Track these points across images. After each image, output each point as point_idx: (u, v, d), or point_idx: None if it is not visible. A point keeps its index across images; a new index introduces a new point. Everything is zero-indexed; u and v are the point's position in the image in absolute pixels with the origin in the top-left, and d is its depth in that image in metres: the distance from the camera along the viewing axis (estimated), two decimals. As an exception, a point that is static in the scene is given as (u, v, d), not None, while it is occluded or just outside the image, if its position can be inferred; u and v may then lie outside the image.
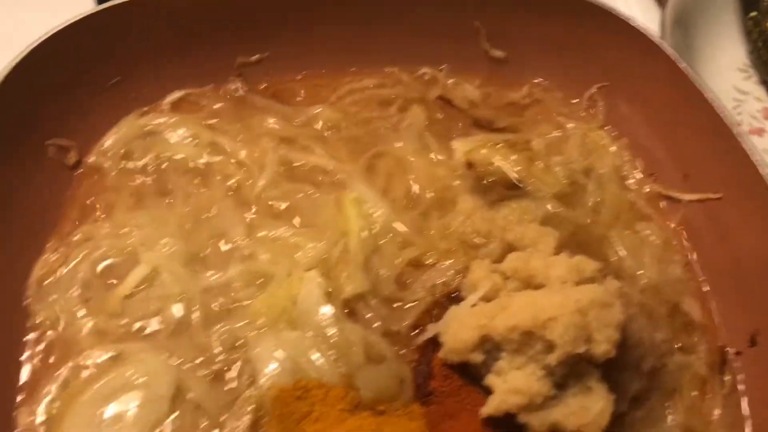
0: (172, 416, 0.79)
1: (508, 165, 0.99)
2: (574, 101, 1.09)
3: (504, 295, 0.82)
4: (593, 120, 1.07)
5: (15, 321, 0.83)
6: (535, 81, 1.11)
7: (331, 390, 0.78)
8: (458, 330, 0.78)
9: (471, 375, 0.80)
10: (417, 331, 0.85)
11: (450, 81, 1.10)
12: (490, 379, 0.77)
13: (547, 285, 0.81)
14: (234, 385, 0.81)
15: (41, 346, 0.83)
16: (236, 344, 0.83)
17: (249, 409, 0.79)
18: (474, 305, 0.81)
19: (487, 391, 0.78)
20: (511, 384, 0.75)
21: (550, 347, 0.74)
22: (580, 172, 1.01)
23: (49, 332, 0.84)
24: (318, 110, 1.05)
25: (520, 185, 0.98)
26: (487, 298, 0.82)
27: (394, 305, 0.88)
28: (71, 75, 0.94)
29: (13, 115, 0.87)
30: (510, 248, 0.90)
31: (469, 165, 0.99)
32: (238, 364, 0.82)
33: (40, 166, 0.92)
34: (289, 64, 1.07)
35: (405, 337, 0.85)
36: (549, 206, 0.97)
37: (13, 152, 0.88)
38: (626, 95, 1.02)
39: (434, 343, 0.83)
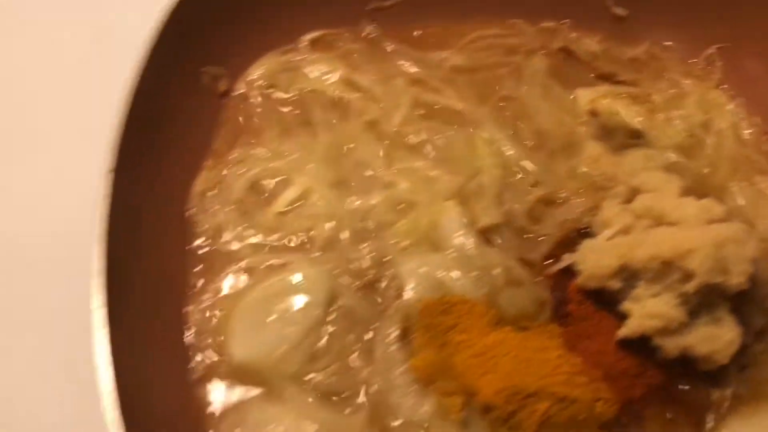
0: (328, 319, 0.84)
1: (631, 114, 1.03)
2: (692, 60, 1.12)
3: (637, 231, 0.87)
4: (710, 79, 1.11)
5: (182, 229, 0.90)
6: (655, 39, 1.13)
7: (475, 306, 0.84)
8: (599, 258, 0.83)
9: (604, 302, 0.85)
10: (550, 261, 0.90)
11: (572, 35, 1.14)
12: (627, 305, 0.82)
13: (679, 223, 0.85)
14: (382, 297, 0.87)
15: (205, 251, 0.90)
16: (383, 261, 0.89)
17: (398, 318, 0.84)
18: (610, 238, 0.86)
19: (620, 317, 0.83)
20: (649, 309, 0.80)
21: (687, 277, 0.79)
22: (698, 126, 1.05)
23: (212, 240, 0.90)
24: (446, 55, 1.10)
25: (642, 135, 1.03)
26: (621, 233, 0.87)
27: (526, 237, 0.92)
28: (226, 9, 1.00)
29: (178, 42, 0.93)
30: (635, 192, 0.94)
31: (593, 113, 1.04)
32: (386, 278, 0.88)
33: (196, 90, 0.98)
34: (419, 11, 1.12)
35: (538, 267, 0.90)
36: (670, 156, 1.00)
37: (175, 75, 0.94)
38: (751, 54, 1.05)
39: (567, 272, 0.88)
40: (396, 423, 0.80)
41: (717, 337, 0.80)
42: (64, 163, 0.99)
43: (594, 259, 0.84)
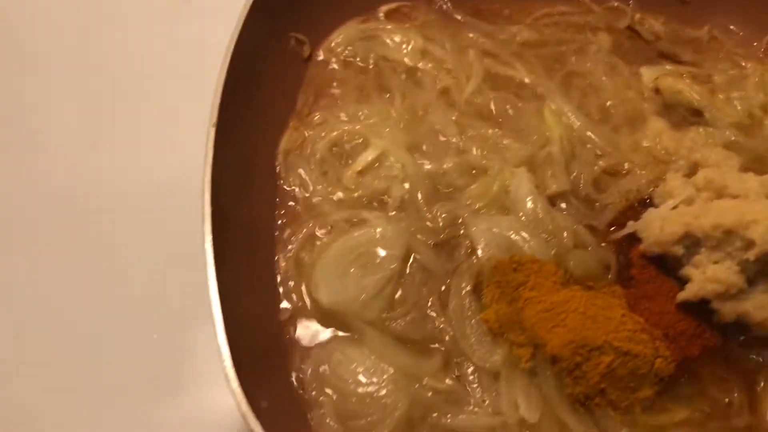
0: (405, 273, 0.91)
1: (693, 93, 1.08)
2: (754, 44, 1.16)
3: (699, 203, 0.92)
4: (770, 63, 1.15)
5: (271, 182, 0.96)
6: (717, 23, 1.18)
7: (544, 265, 0.90)
8: (663, 225, 0.89)
9: (665, 267, 0.91)
10: (614, 228, 0.96)
11: (636, 16, 1.18)
12: (688, 270, 0.88)
13: (740, 197, 0.91)
14: (455, 255, 0.93)
15: (291, 205, 0.96)
16: (456, 221, 0.95)
17: (470, 274, 0.90)
18: (674, 208, 0.91)
19: (681, 281, 0.88)
20: (710, 274, 0.86)
21: (748, 245, 0.84)
22: (758, 107, 1.09)
23: (297, 196, 0.97)
24: (515, 30, 1.15)
25: (703, 113, 1.07)
26: (684, 204, 0.92)
27: (592, 205, 0.98)
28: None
29: (269, 10, 0.99)
30: (696, 167, 1.00)
31: (657, 90, 1.09)
32: (459, 238, 0.94)
33: (284, 55, 1.05)
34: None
35: (603, 233, 0.95)
36: (729, 134, 1.05)
37: (267, 41, 1.00)
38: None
39: (630, 239, 0.93)
40: (469, 369, 0.86)
41: (773, 305, 0.84)
42: (178, 118, 1.06)
43: (658, 227, 0.89)
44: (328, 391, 0.83)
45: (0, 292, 0.99)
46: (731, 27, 1.18)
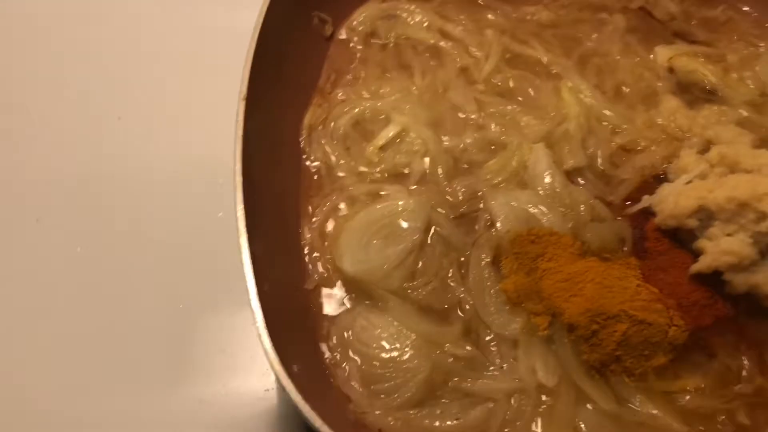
0: (427, 244, 0.94)
1: (707, 72, 1.10)
2: (767, 25, 1.18)
3: (713, 177, 0.95)
4: (784, 42, 1.17)
5: (296, 156, 0.99)
6: (731, 3, 1.20)
7: (562, 237, 0.93)
8: (678, 199, 0.92)
9: (680, 240, 0.94)
10: (629, 202, 0.98)
11: (651, -5, 1.20)
12: (702, 243, 0.91)
13: (753, 171, 0.93)
14: (475, 227, 0.96)
15: (315, 179, 0.99)
16: (476, 195, 0.98)
17: (489, 246, 0.93)
18: (688, 182, 0.94)
19: (694, 254, 0.91)
20: (723, 246, 0.88)
21: (761, 217, 0.87)
22: (770, 86, 1.12)
23: (321, 169, 1.00)
24: (533, 10, 1.17)
25: (716, 92, 1.10)
26: (698, 179, 0.95)
27: (608, 180, 1.01)
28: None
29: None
30: (709, 144, 1.02)
31: (671, 69, 1.12)
32: (479, 211, 0.97)
33: (307, 33, 1.07)
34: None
35: (618, 207, 0.98)
36: (742, 112, 1.08)
37: (292, 18, 1.03)
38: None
39: (645, 213, 0.96)
40: (488, 337, 0.89)
41: (784, 279, 0.87)
42: (209, 90, 1.09)
43: (673, 201, 0.92)
44: (353, 355, 0.87)
45: (36, 260, 1.02)
46: (745, 8, 1.19)
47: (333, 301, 0.91)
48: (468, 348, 0.87)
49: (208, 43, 1.19)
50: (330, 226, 0.96)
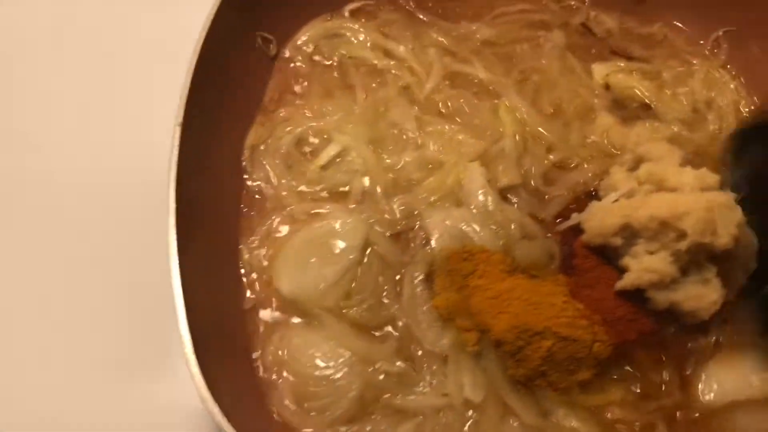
0: (363, 262, 0.97)
1: (642, 89, 1.14)
2: (701, 42, 1.22)
3: (640, 195, 0.98)
4: (716, 59, 1.21)
5: (237, 176, 1.02)
6: (667, 21, 1.23)
7: (493, 255, 0.96)
8: (604, 217, 0.95)
9: (607, 257, 0.97)
10: (560, 219, 1.02)
11: (591, 13, 1.24)
12: (626, 261, 0.94)
13: (677, 190, 0.97)
14: (411, 245, 0.99)
15: (256, 198, 1.02)
16: (413, 213, 1.01)
17: (424, 263, 0.96)
18: (615, 201, 0.97)
19: (620, 270, 0.95)
20: (646, 264, 0.92)
21: (681, 236, 0.90)
22: (702, 103, 1.16)
23: (262, 189, 1.03)
24: (476, 27, 1.20)
25: (651, 108, 1.14)
26: (625, 197, 0.98)
27: (541, 198, 1.04)
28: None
29: (236, 9, 1.04)
30: (640, 160, 1.05)
31: (607, 86, 1.15)
32: (414, 229, 1.00)
33: (250, 54, 1.10)
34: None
35: (550, 224, 1.02)
36: (674, 128, 1.11)
37: (234, 39, 1.05)
38: (756, 37, 1.15)
39: (575, 229, 0.99)
40: (419, 352, 0.92)
41: (703, 297, 0.91)
42: (143, 117, 1.11)
43: (599, 219, 0.95)
44: (287, 374, 0.90)
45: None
46: (680, 25, 1.22)
47: (269, 320, 0.93)
48: (399, 364, 0.90)
49: (152, 51, 1.21)
50: (269, 245, 0.98)
